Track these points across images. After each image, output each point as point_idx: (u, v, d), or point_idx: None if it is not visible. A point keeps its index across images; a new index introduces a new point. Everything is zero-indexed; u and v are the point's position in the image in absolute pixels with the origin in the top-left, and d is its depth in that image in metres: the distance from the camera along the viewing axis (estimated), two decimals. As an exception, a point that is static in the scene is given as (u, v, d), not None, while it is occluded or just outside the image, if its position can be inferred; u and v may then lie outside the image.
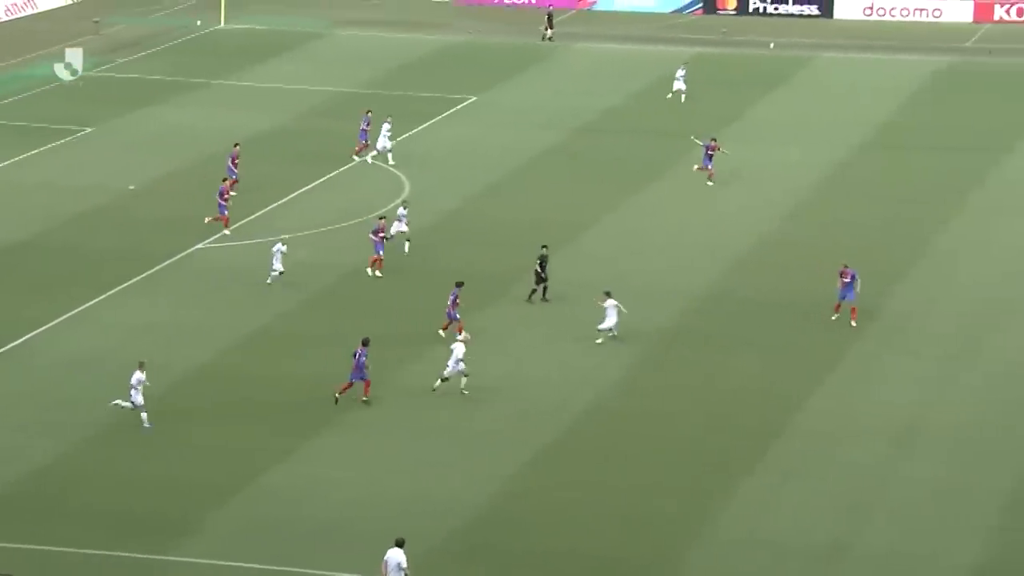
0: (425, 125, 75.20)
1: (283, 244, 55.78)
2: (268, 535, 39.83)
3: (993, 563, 38.94)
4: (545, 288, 54.12)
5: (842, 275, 51.78)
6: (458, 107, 78.69)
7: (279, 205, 63.74)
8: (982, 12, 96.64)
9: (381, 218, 57.33)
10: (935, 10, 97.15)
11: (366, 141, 69.62)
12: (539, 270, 54.03)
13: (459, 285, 51.11)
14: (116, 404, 45.12)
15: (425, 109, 77.56)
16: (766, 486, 42.67)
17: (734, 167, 68.81)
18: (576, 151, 72.05)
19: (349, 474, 43.05)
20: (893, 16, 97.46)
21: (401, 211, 58.63)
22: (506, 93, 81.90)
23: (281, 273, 55.41)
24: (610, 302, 50.63)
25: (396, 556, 36.11)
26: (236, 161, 64.83)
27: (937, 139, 73.47)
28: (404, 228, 58.12)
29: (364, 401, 46.72)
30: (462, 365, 46.83)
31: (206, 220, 60.68)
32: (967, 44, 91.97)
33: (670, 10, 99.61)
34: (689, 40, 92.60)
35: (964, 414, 46.20)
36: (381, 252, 56.33)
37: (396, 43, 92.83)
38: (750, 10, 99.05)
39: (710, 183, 65.49)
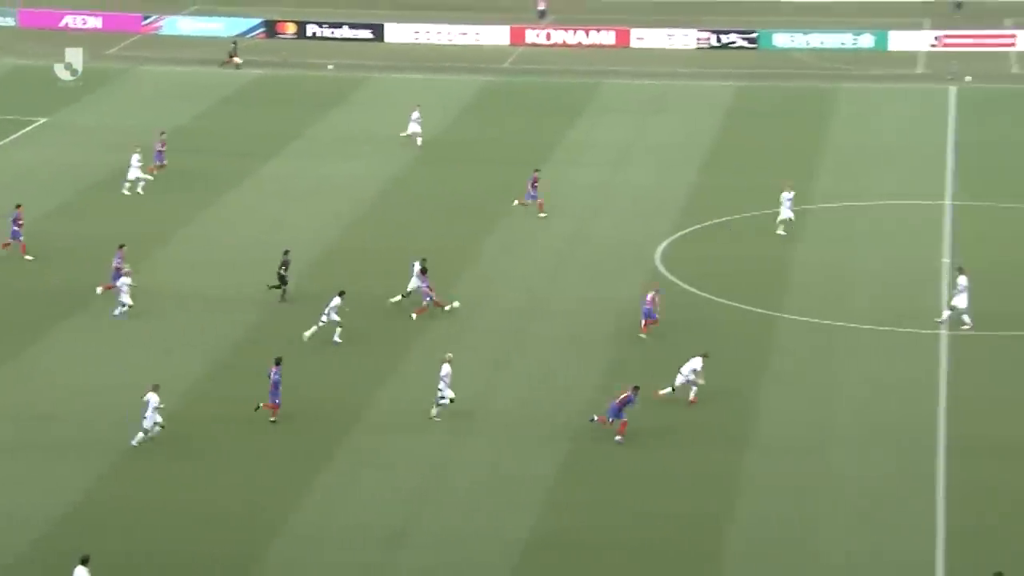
0: (-4, 147, 73.06)
1: (129, 278, 53.24)
2: None
3: (544, 536, 40.68)
4: (284, 291, 55.03)
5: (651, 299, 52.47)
6: (27, 129, 76.67)
7: None
8: (516, 35, 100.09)
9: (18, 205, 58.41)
10: (476, 33, 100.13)
11: (161, 162, 68.57)
12: (282, 272, 54.65)
13: (424, 267, 53.62)
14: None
15: (-6, 132, 75.36)
16: (339, 478, 43.41)
17: (292, 181, 69.65)
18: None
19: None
20: (439, 39, 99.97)
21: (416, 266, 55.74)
22: (76, 114, 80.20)
23: (130, 307, 52.95)
24: None
25: (79, 574, 35.71)
26: None
27: (482, 152, 75.69)
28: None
29: (272, 421, 45.77)
30: (448, 391, 46.41)
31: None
32: (505, 64, 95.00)
33: (234, 34, 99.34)
34: (253, 63, 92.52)
35: (514, 401, 47.98)
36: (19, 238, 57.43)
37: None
38: (308, 34, 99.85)
39: (543, 215, 65.10)
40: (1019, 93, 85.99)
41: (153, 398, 44.28)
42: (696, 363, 47.56)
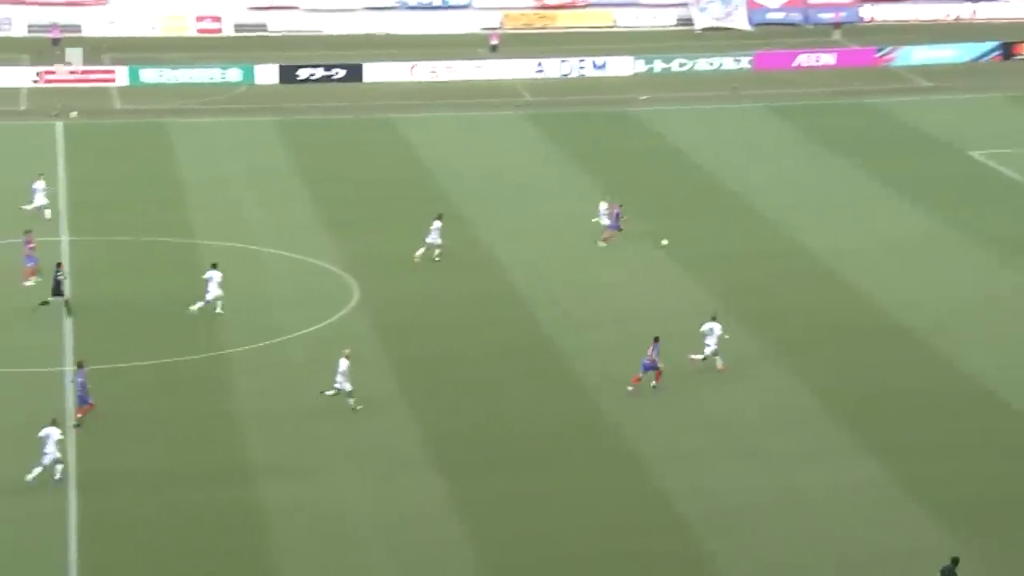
0: None
1: None
2: None
3: None
4: (67, 303, 56.54)
5: None
6: None
7: None
8: None
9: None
10: None
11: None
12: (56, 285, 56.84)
13: None
14: None
15: None
16: None
17: None
18: None
19: None
20: None
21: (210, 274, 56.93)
22: None
23: None
24: None
25: None
26: None
27: None
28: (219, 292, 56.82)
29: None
30: (348, 385, 48.11)
31: None
32: None
33: None
34: None
35: None
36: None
37: None
38: None
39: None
40: (124, 127, 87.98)
41: (54, 432, 43.59)
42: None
